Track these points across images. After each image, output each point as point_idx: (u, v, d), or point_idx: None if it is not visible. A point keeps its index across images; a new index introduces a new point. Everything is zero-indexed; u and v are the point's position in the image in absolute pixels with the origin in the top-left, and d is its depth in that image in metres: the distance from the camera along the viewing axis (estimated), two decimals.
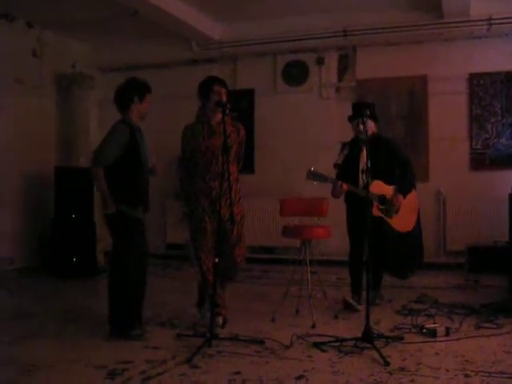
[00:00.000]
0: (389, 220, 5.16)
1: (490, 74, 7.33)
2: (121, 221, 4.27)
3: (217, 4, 7.31)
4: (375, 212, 5.09)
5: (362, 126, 5.01)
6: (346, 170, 5.23)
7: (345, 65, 8.07)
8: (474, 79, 7.40)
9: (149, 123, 4.54)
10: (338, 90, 8.10)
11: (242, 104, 8.24)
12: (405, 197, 5.20)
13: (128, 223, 4.30)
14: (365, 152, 5.06)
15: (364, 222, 4.74)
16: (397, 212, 5.18)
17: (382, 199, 5.13)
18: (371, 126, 5.26)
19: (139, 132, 4.41)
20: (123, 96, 4.40)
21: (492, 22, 6.98)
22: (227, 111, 4.30)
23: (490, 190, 7.10)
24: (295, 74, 8.20)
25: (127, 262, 4.28)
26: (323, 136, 7.73)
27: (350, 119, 5.39)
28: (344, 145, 5.43)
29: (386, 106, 7.67)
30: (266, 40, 7.86)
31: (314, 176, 4.77)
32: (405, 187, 5.23)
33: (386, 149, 5.29)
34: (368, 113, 4.69)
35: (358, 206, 5.07)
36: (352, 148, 5.32)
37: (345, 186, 4.98)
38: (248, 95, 8.36)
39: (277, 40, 7.83)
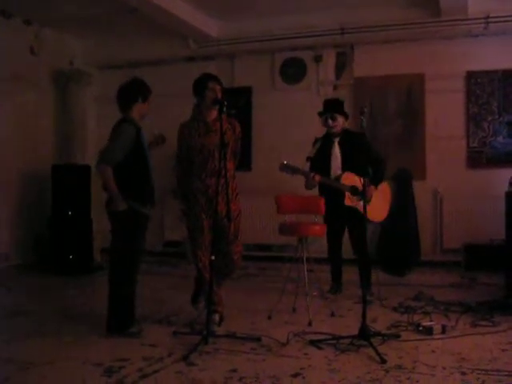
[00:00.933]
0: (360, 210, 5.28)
1: (487, 73, 7.33)
2: (131, 218, 4.27)
3: (214, 1, 7.30)
4: (347, 202, 5.38)
5: (330, 121, 5.54)
6: (318, 162, 5.49)
7: (342, 62, 8.06)
8: (472, 77, 7.40)
9: (145, 120, 4.54)
10: (335, 87, 8.08)
11: (240, 102, 8.24)
12: (376, 187, 5.44)
13: (137, 220, 4.32)
14: (337, 146, 5.58)
15: (338, 211, 5.39)
16: (368, 202, 5.28)
17: (354, 189, 5.31)
18: (340, 121, 5.59)
19: (140, 130, 4.42)
20: (127, 95, 4.41)
21: (489, 20, 6.97)
22: (224, 108, 4.30)
23: (486, 188, 7.10)
24: (293, 71, 8.19)
25: (131, 259, 4.31)
26: (320, 134, 7.70)
27: (320, 114, 5.70)
28: (316, 140, 5.70)
29: (383, 104, 7.68)
30: (264, 37, 7.83)
31: (286, 168, 5.13)
32: (377, 179, 5.42)
33: (357, 143, 5.30)
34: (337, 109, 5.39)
35: (331, 196, 5.35)
36: (324, 142, 5.62)
37: (317, 178, 5.25)
38: (245, 93, 8.34)
39: (274, 38, 7.80)
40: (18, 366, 3.59)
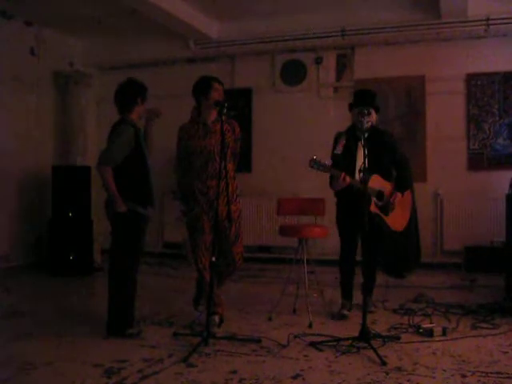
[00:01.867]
0: (384, 217, 4.90)
1: (487, 75, 7.33)
2: (130, 219, 4.27)
3: (215, 2, 7.30)
4: (372, 208, 4.76)
5: (365, 116, 4.73)
6: (342, 161, 4.77)
7: (343, 64, 8.06)
8: (472, 79, 7.40)
9: (143, 121, 4.54)
10: (336, 89, 8.09)
11: (240, 103, 8.24)
12: (402, 194, 4.95)
13: (137, 221, 4.32)
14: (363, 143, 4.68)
15: (358, 218, 4.48)
16: (392, 210, 4.92)
17: (380, 195, 4.85)
18: (374, 116, 4.90)
19: (139, 131, 4.42)
20: (127, 97, 4.40)
21: (490, 22, 6.98)
22: (224, 110, 4.29)
23: (487, 190, 7.11)
24: (293, 73, 8.19)
25: (131, 260, 4.30)
26: (321, 135, 7.68)
27: (352, 106, 4.98)
28: (339, 134, 4.94)
29: (383, 106, 7.60)
30: (264, 39, 7.85)
31: (317, 165, 4.47)
32: (403, 185, 4.99)
33: (386, 143, 4.96)
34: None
35: (352, 201, 4.75)
36: (349, 139, 4.86)
37: (347, 179, 4.59)
38: (246, 94, 8.35)
39: (275, 39, 7.82)
40: (18, 367, 3.58)
